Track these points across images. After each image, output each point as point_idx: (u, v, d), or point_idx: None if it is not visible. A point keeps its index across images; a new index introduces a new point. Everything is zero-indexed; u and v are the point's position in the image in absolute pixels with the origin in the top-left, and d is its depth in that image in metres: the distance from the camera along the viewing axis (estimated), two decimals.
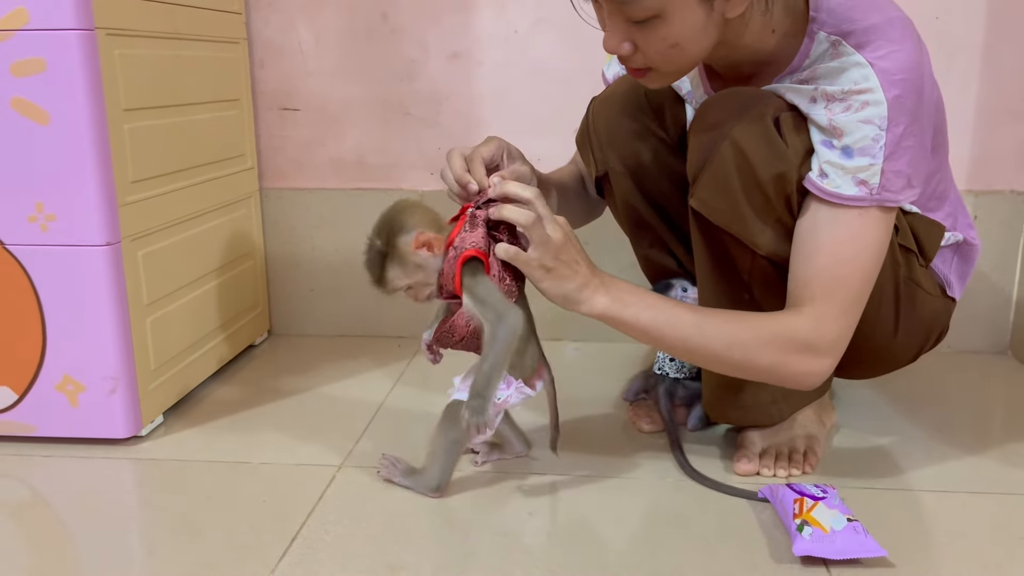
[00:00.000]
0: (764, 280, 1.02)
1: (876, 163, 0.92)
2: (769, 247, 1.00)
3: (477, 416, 0.97)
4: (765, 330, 0.98)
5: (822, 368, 0.99)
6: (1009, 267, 1.57)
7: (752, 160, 0.95)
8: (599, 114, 1.16)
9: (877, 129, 0.91)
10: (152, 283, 1.24)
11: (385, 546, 0.95)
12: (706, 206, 0.99)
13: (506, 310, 0.98)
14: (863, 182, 0.93)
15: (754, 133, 0.94)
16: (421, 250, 0.99)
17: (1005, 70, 1.51)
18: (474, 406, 0.97)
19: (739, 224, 0.99)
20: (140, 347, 1.21)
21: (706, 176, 0.98)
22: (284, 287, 1.71)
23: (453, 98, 1.61)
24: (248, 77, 1.60)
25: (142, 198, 1.21)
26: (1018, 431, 1.28)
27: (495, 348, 0.97)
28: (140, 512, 1.05)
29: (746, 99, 0.96)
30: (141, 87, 1.21)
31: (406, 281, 1.00)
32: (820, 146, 0.95)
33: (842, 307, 0.97)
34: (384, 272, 1.00)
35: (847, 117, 0.91)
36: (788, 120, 0.95)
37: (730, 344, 0.98)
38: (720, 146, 0.96)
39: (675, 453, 1.15)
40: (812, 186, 0.95)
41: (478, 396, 0.97)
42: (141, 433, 1.23)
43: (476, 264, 0.98)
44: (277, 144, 1.66)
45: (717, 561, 0.92)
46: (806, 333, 0.97)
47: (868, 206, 0.94)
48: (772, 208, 0.97)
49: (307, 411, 1.34)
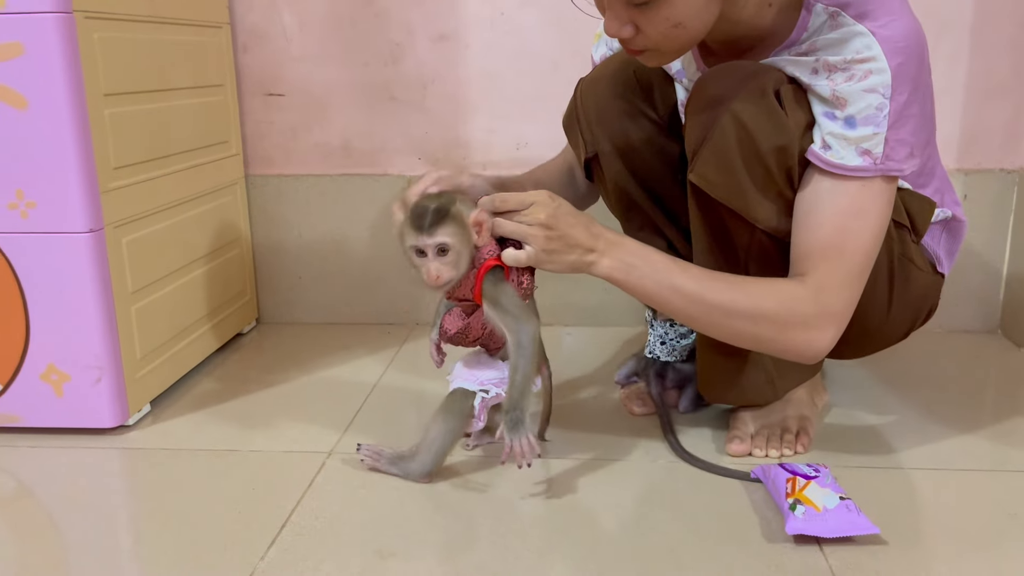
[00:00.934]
0: (762, 256, 1.02)
1: (880, 132, 0.91)
2: (769, 222, 0.99)
3: (516, 431, 0.95)
4: (767, 300, 0.97)
5: (823, 341, 0.98)
6: (999, 246, 1.57)
7: (753, 133, 0.94)
8: (587, 95, 1.14)
9: (881, 97, 0.90)
10: (137, 271, 1.23)
11: (375, 532, 0.95)
12: (706, 180, 0.98)
13: (527, 317, 0.98)
14: (867, 152, 0.92)
15: (755, 105, 0.93)
16: (475, 228, 0.97)
17: (994, 48, 1.51)
18: (512, 420, 0.95)
19: (739, 198, 0.98)
20: (125, 336, 1.20)
21: (706, 150, 0.97)
22: (271, 275, 1.69)
23: (439, 81, 1.60)
24: (232, 62, 1.58)
25: (125, 184, 1.20)
26: (1008, 409, 1.28)
27: (524, 358, 0.96)
28: (127, 502, 1.04)
29: (746, 72, 0.95)
30: (121, 71, 1.19)
31: (451, 241, 0.94)
32: (822, 118, 0.94)
33: (845, 278, 0.96)
34: (440, 222, 0.94)
35: (850, 86, 0.91)
36: (788, 92, 0.94)
37: (731, 313, 0.97)
38: (721, 120, 0.95)
39: (667, 435, 1.15)
40: (815, 158, 0.95)
41: (515, 409, 0.95)
42: (128, 422, 1.21)
43: (498, 272, 0.98)
44: (262, 130, 1.64)
45: (710, 542, 0.92)
46: (808, 305, 0.96)
47: (872, 176, 0.93)
48: (773, 181, 0.97)
49: (296, 398, 1.33)
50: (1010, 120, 1.54)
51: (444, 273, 0.95)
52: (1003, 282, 1.58)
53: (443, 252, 0.94)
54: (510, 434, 0.95)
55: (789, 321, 0.97)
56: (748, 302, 0.97)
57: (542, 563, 0.89)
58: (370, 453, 1.08)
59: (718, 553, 0.90)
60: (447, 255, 0.95)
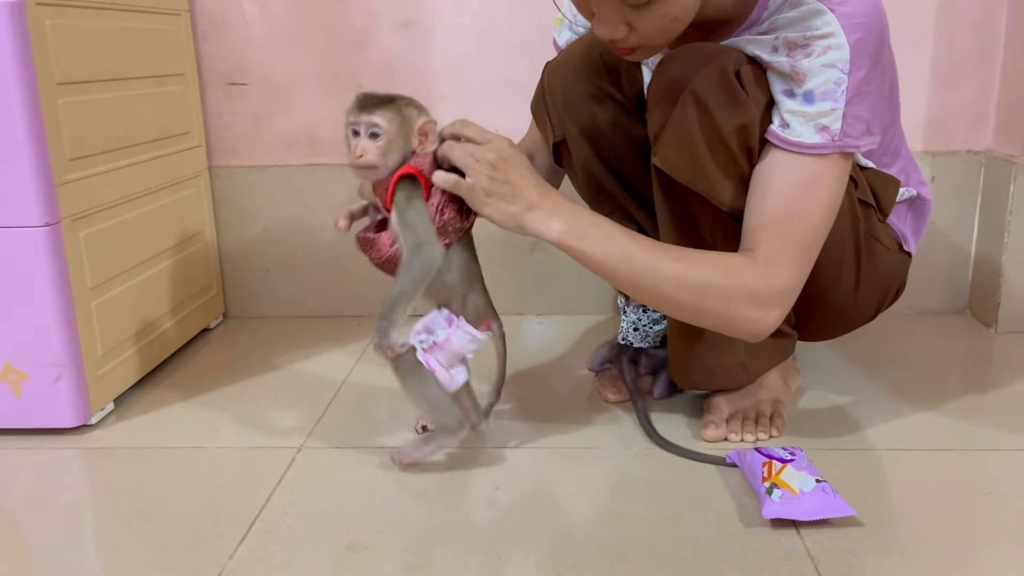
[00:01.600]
0: (728, 239, 1.01)
1: (838, 107, 0.91)
2: (732, 203, 0.98)
3: (381, 337, 0.95)
4: (715, 272, 0.95)
5: (769, 320, 0.97)
6: (967, 228, 1.58)
7: (714, 112, 0.93)
8: (554, 79, 1.13)
9: (839, 72, 0.90)
10: (96, 265, 1.19)
11: (347, 527, 0.93)
12: (669, 163, 0.97)
13: (428, 240, 0.96)
14: (825, 128, 0.92)
15: (715, 85, 0.93)
16: (419, 132, 0.96)
17: (959, 29, 1.51)
18: (380, 327, 0.95)
19: (702, 180, 0.97)
20: (85, 332, 1.16)
21: (668, 133, 0.96)
22: (238, 268, 1.66)
23: (406, 68, 1.57)
24: (192, 50, 1.54)
25: (81, 176, 1.16)
26: (977, 389, 1.29)
27: (406, 275, 0.96)
28: (90, 503, 1.01)
29: (705, 54, 0.94)
30: (76, 60, 1.15)
31: (385, 126, 0.94)
32: (781, 96, 0.94)
33: (792, 253, 0.95)
34: (381, 105, 0.95)
35: (809, 62, 0.90)
36: (748, 73, 0.94)
37: (679, 285, 0.95)
38: (681, 101, 0.94)
39: (641, 421, 1.14)
40: (774, 137, 0.94)
41: (383, 318, 0.95)
42: (91, 422, 1.18)
43: (413, 185, 0.96)
44: (225, 120, 1.61)
45: (686, 528, 0.91)
46: (755, 279, 0.95)
47: (829, 152, 0.93)
48: (735, 162, 0.96)
49: (265, 393, 1.31)
50: (976, 101, 1.54)
51: (369, 154, 0.94)
52: (971, 263, 1.60)
53: (374, 136, 0.94)
54: (376, 339, 0.95)
55: (735, 294, 0.95)
56: (696, 274, 0.95)
57: (516, 553, 0.87)
58: (398, 451, 1.04)
59: (694, 539, 0.89)
60: (378, 139, 0.94)
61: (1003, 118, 1.53)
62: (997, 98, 1.54)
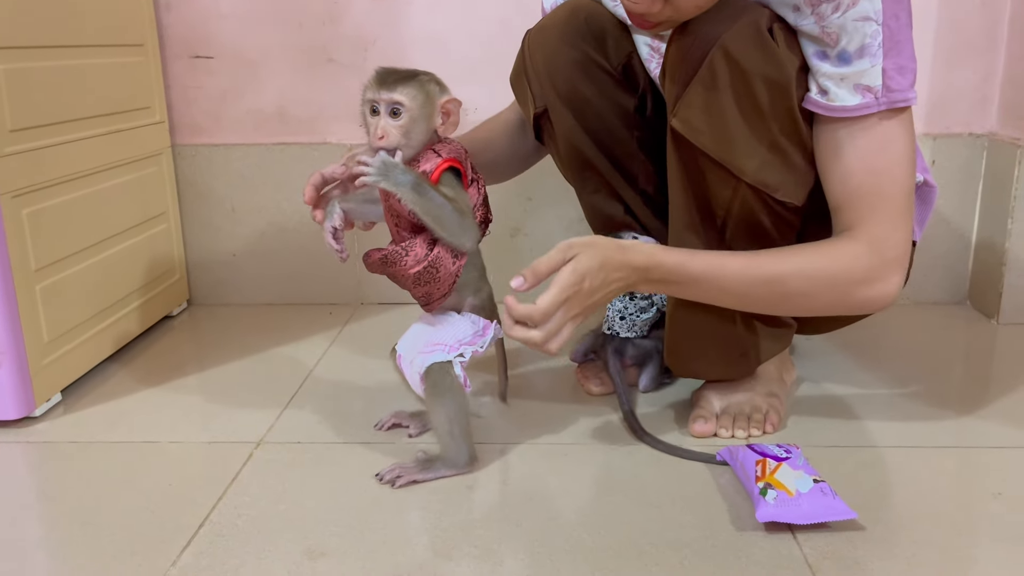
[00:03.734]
0: (742, 217, 0.94)
1: (876, 63, 0.85)
2: (756, 174, 0.91)
3: (389, 172, 0.85)
4: (822, 273, 0.91)
5: (892, 287, 0.92)
6: (968, 214, 1.51)
7: (746, 69, 0.86)
8: (535, 45, 1.05)
9: (874, 24, 0.84)
10: (41, 246, 1.11)
11: (305, 530, 0.85)
12: (689, 126, 0.90)
13: (470, 215, 0.92)
14: (867, 88, 0.86)
15: (749, 41, 0.86)
16: (442, 110, 0.90)
17: (962, 7, 1.44)
18: (397, 175, 0.86)
19: (725, 147, 0.90)
20: (29, 318, 1.08)
21: (693, 92, 0.89)
22: (203, 252, 1.57)
23: (380, 42, 1.49)
24: (153, 19, 1.45)
25: (24, 149, 1.07)
26: (979, 383, 1.22)
27: (448, 210, 0.88)
28: (31, 501, 0.93)
29: (735, 9, 0.87)
30: (18, 23, 1.06)
31: (408, 103, 0.87)
32: (814, 60, 0.88)
33: (894, 219, 0.91)
34: (404, 81, 0.88)
35: (839, 18, 0.84)
36: (780, 31, 0.87)
37: (787, 294, 0.92)
38: (711, 57, 0.87)
39: (626, 416, 1.07)
40: (815, 106, 0.89)
41: (415, 185, 0.86)
42: (35, 413, 1.10)
43: (458, 179, 0.92)
44: (190, 96, 1.52)
45: (673, 530, 0.84)
46: (867, 259, 0.90)
47: (879, 110, 0.87)
48: (766, 127, 0.89)
49: (226, 385, 1.22)
50: (980, 82, 1.48)
51: (391, 134, 0.88)
52: (972, 251, 1.53)
53: (396, 114, 0.87)
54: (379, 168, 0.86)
55: (852, 281, 0.91)
56: (802, 280, 0.91)
57: (492, 558, 0.80)
58: (393, 474, 0.94)
59: (682, 543, 0.82)
60: (400, 117, 0.87)
61: (1007, 99, 1.46)
62: (1001, 78, 1.47)
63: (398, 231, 0.93)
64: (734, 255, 0.91)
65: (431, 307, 0.95)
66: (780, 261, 0.92)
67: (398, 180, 0.85)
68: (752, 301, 0.94)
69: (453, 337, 0.93)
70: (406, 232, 0.92)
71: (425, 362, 0.92)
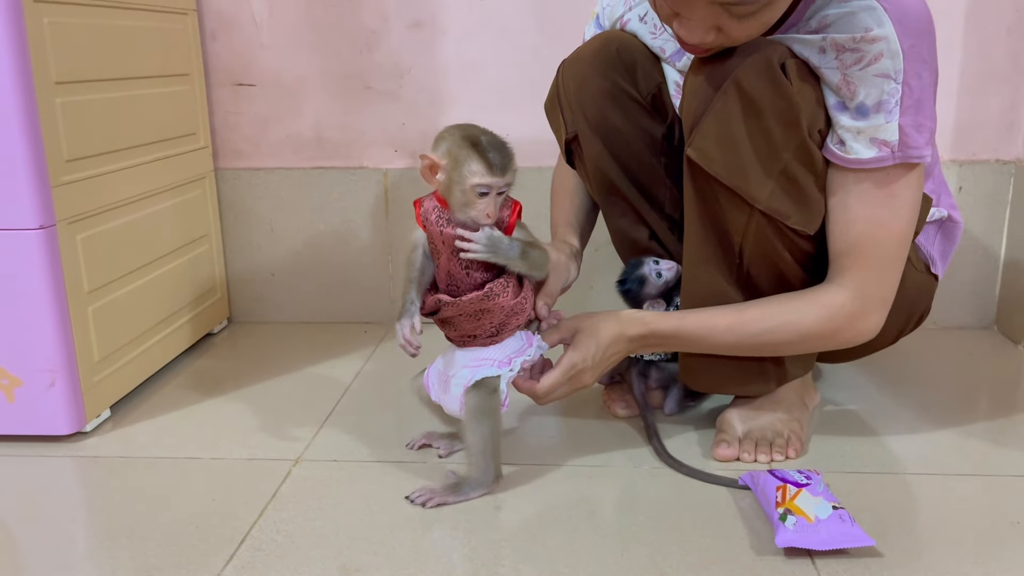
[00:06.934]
0: (757, 242, 0.97)
1: (892, 120, 0.88)
2: (768, 201, 0.94)
3: (497, 248, 0.91)
4: (809, 326, 0.98)
5: (870, 326, 0.98)
6: (995, 240, 1.52)
7: (759, 104, 0.90)
8: (569, 74, 1.09)
9: (893, 83, 0.87)
10: (93, 269, 1.16)
11: (341, 546, 0.89)
12: (704, 155, 0.93)
13: (544, 250, 0.98)
14: (883, 142, 0.89)
15: (760, 76, 0.89)
16: None
17: (990, 35, 1.45)
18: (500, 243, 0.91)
19: (738, 176, 0.93)
20: (81, 337, 1.13)
21: (707, 123, 0.92)
22: (243, 272, 1.63)
23: (416, 70, 1.54)
24: (199, 50, 1.51)
25: (79, 178, 1.13)
26: (1005, 409, 1.23)
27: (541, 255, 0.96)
28: (80, 514, 0.98)
29: (750, 46, 0.90)
30: (75, 58, 1.12)
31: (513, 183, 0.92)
32: (834, 111, 0.91)
33: (883, 265, 0.96)
34: (510, 162, 0.91)
35: (860, 71, 0.87)
36: (793, 67, 0.90)
37: (778, 345, 1.00)
38: (723, 89, 0.90)
39: (650, 439, 1.09)
40: (832, 156, 0.93)
41: (523, 253, 0.93)
42: (85, 429, 1.15)
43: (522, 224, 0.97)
44: (232, 121, 1.58)
45: (694, 554, 0.87)
46: (850, 306, 0.96)
47: (891, 165, 0.90)
48: (777, 156, 0.92)
49: (265, 402, 1.27)
50: (1006, 109, 1.49)
51: (498, 213, 0.92)
52: (999, 276, 1.54)
53: (500, 193, 0.91)
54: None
55: (836, 328, 0.98)
56: (789, 333, 0.98)
57: None
58: (424, 497, 0.96)
59: (703, 566, 0.85)
60: (507, 189, 0.92)
61: None
62: None
63: (467, 274, 0.93)
64: (724, 312, 0.99)
65: (500, 338, 0.96)
66: (768, 316, 0.98)
67: (508, 254, 0.91)
68: (745, 352, 1.03)
69: (502, 352, 0.96)
70: (478, 273, 0.93)
71: (475, 375, 0.94)
